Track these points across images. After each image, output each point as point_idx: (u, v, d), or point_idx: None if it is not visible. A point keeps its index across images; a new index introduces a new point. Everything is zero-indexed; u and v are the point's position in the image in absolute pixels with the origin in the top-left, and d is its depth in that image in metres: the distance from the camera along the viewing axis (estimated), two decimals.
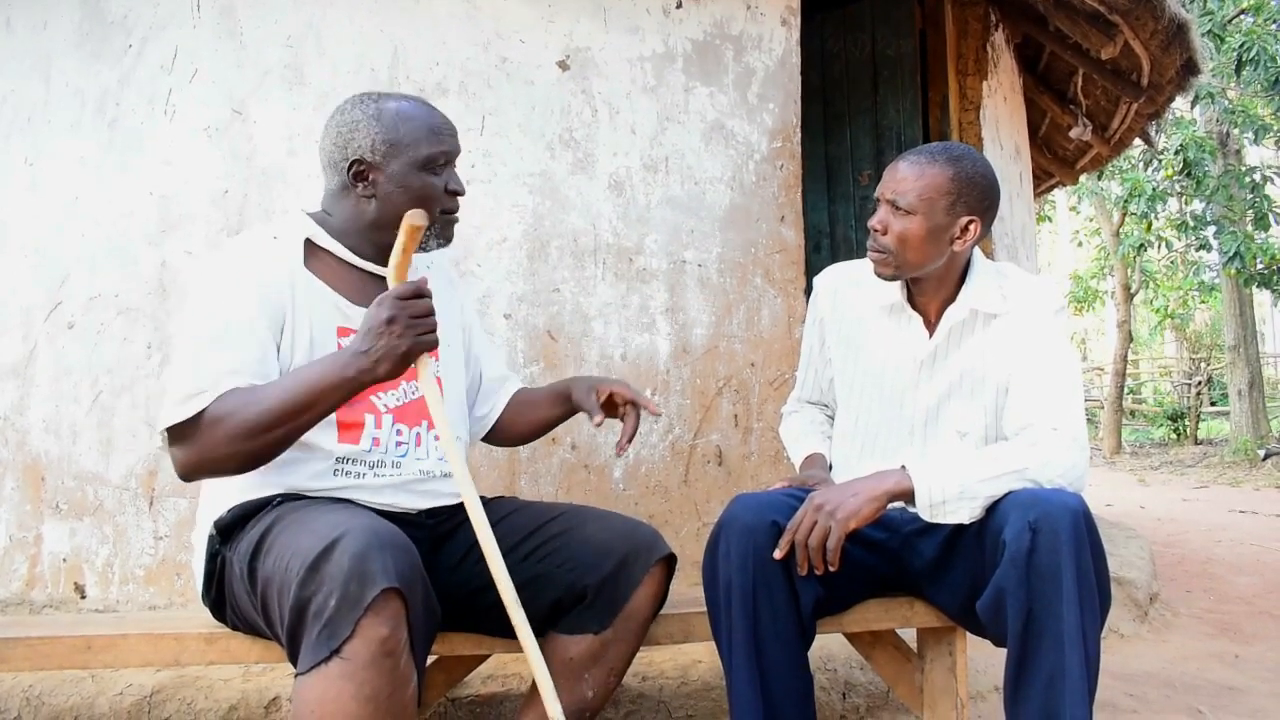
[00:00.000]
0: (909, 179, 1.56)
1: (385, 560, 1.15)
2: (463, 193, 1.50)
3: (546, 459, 2.44)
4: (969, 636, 1.69)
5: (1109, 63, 3.98)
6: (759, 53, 2.72)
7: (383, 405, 1.46)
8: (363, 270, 1.48)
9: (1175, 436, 13.75)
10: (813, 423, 1.89)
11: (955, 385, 1.65)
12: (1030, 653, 1.37)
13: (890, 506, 1.48)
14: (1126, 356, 13.38)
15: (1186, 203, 11.03)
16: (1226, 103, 9.67)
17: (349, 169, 1.44)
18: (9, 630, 1.52)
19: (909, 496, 1.47)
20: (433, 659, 1.58)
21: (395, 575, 1.15)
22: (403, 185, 1.43)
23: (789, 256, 2.68)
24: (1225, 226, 9.57)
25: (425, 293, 1.30)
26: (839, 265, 1.83)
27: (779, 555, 1.45)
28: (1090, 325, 21.82)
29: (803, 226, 2.73)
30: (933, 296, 1.66)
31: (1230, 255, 9.34)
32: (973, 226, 1.57)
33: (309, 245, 1.46)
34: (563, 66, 2.54)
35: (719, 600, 1.49)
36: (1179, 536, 5.37)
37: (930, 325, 1.67)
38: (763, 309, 2.65)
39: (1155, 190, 10.36)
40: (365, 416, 1.43)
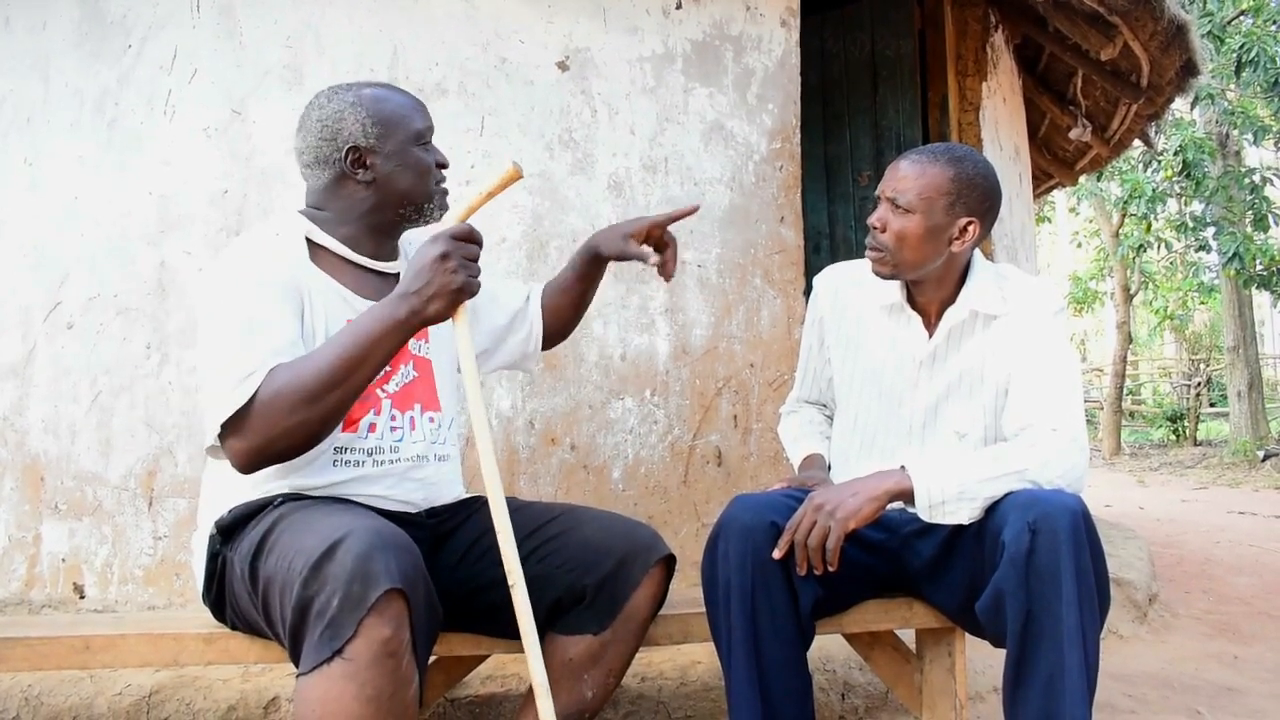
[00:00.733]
0: (909, 177, 1.56)
1: (388, 561, 1.15)
2: (448, 165, 1.53)
3: (546, 459, 2.44)
4: (968, 637, 1.69)
5: (1108, 64, 3.98)
6: (758, 53, 2.72)
7: (382, 393, 1.46)
8: (360, 266, 1.48)
9: (1174, 437, 13.77)
10: (811, 423, 1.89)
11: (954, 386, 1.65)
12: (1029, 653, 1.36)
13: (889, 507, 1.48)
14: (1126, 357, 13.39)
15: (1186, 204, 11.04)
16: (1226, 104, 9.68)
17: (346, 157, 1.44)
18: (8, 630, 1.52)
19: (908, 497, 1.46)
20: (432, 659, 1.58)
21: (398, 576, 1.15)
22: (402, 162, 1.45)
23: (788, 257, 2.68)
24: (1225, 228, 9.58)
25: (478, 238, 1.32)
26: (839, 265, 1.83)
27: (778, 555, 1.45)
28: (1089, 326, 21.83)
29: (802, 227, 2.73)
30: (932, 297, 1.66)
31: (1229, 256, 9.34)
32: (971, 228, 1.57)
33: (309, 243, 1.46)
34: (562, 67, 2.54)
35: (718, 601, 1.49)
36: (1178, 537, 5.37)
37: (930, 325, 1.67)
38: (762, 309, 2.64)
39: (1155, 191, 10.37)
40: (367, 407, 1.43)
